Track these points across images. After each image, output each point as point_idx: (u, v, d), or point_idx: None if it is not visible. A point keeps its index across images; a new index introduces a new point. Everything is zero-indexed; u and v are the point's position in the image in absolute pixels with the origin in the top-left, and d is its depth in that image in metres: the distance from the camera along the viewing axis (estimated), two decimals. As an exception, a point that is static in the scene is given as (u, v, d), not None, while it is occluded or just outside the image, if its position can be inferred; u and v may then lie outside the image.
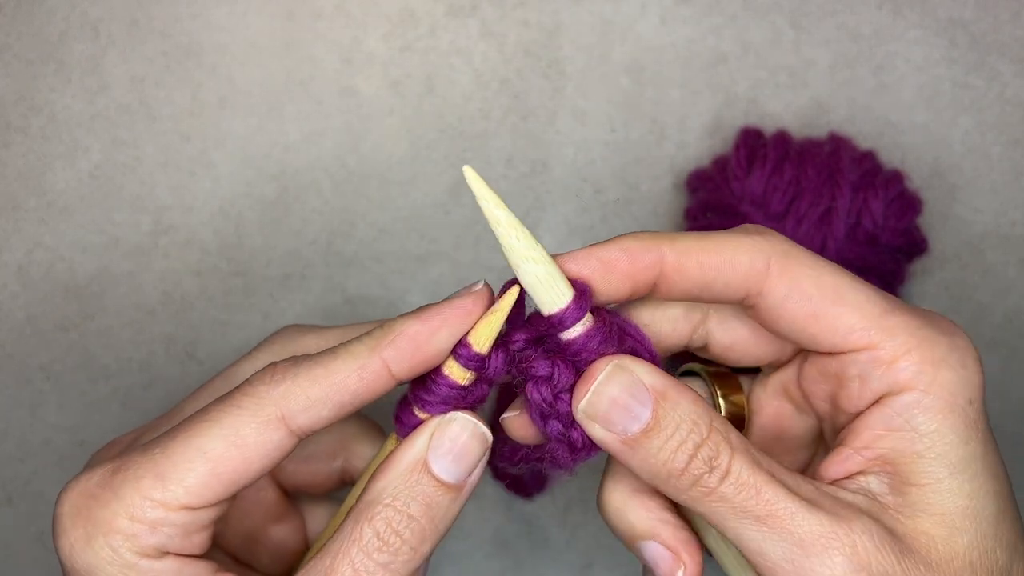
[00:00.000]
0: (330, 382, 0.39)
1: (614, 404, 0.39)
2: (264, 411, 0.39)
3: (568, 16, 0.67)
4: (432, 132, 0.66)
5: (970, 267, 0.65)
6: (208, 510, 0.39)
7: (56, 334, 0.65)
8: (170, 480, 0.38)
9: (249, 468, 0.39)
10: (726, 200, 0.61)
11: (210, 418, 0.39)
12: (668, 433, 0.38)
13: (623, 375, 0.39)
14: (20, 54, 0.66)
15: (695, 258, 0.39)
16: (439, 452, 0.39)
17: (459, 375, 0.40)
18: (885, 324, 0.39)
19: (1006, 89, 0.66)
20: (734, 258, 0.39)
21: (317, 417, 0.39)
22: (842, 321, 0.39)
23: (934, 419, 0.38)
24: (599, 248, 0.40)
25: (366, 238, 0.66)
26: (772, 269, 0.39)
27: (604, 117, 0.66)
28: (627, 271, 0.39)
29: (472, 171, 0.39)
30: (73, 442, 0.65)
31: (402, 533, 0.39)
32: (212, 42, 0.67)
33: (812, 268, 0.40)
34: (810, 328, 0.40)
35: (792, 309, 0.40)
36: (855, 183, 0.60)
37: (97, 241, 0.65)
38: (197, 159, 0.66)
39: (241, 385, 0.40)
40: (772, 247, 0.40)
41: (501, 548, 0.64)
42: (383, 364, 0.39)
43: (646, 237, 0.40)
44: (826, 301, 0.39)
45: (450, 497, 0.40)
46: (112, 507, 0.38)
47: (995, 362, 0.65)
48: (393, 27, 0.67)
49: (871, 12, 0.67)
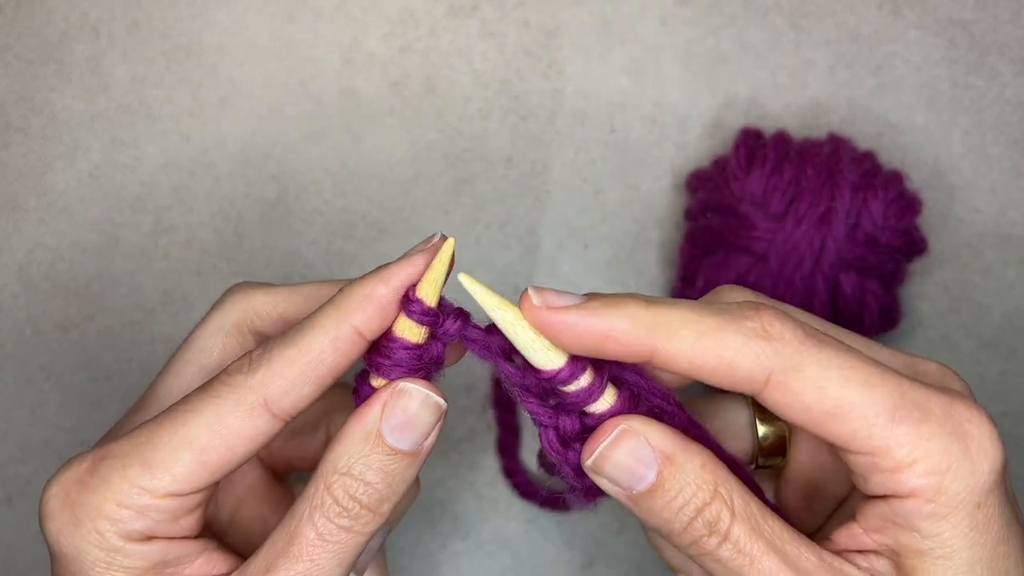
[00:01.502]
0: (306, 360, 0.39)
1: (618, 466, 0.39)
2: (246, 399, 0.39)
3: (568, 16, 0.67)
4: (432, 132, 0.66)
5: (970, 267, 0.66)
6: (193, 496, 0.40)
7: (56, 334, 0.65)
8: (157, 468, 0.39)
9: (234, 455, 0.40)
10: (726, 200, 0.61)
11: (192, 407, 0.40)
12: (671, 496, 0.39)
13: (629, 440, 0.39)
14: (20, 54, 0.66)
15: (687, 358, 0.38)
16: (391, 423, 0.40)
17: (413, 332, 0.40)
18: (890, 433, 0.37)
19: (1006, 89, 0.66)
20: (731, 365, 0.38)
21: (299, 396, 0.40)
22: (844, 429, 0.38)
23: (937, 525, 0.38)
24: (594, 319, 0.38)
25: (366, 238, 0.66)
26: (772, 381, 0.38)
27: (604, 117, 0.67)
28: (615, 354, 0.39)
29: (469, 277, 0.39)
30: (73, 442, 0.65)
31: (360, 499, 0.40)
32: (212, 42, 0.67)
33: (817, 380, 0.38)
34: (812, 429, 0.39)
35: (792, 416, 0.39)
36: (855, 183, 0.60)
37: (97, 241, 0.65)
38: (197, 159, 0.66)
39: (219, 375, 0.40)
40: (776, 359, 0.38)
41: (501, 548, 0.64)
42: (354, 330, 0.39)
43: (641, 324, 0.38)
44: (826, 414, 0.38)
45: (406, 463, 0.40)
46: (100, 493, 0.39)
47: (995, 362, 0.65)
48: (393, 27, 0.67)
49: (871, 12, 0.67)
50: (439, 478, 0.64)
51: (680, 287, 0.63)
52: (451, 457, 0.65)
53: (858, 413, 0.37)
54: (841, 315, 0.60)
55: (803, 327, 0.38)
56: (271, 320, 0.46)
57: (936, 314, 0.65)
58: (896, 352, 0.43)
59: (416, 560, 0.65)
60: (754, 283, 0.60)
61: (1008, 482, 0.40)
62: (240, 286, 0.47)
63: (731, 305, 0.39)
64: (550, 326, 0.39)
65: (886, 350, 0.43)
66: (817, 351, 0.38)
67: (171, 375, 0.46)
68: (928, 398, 0.38)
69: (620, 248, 0.66)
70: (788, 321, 0.38)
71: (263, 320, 0.46)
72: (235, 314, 0.46)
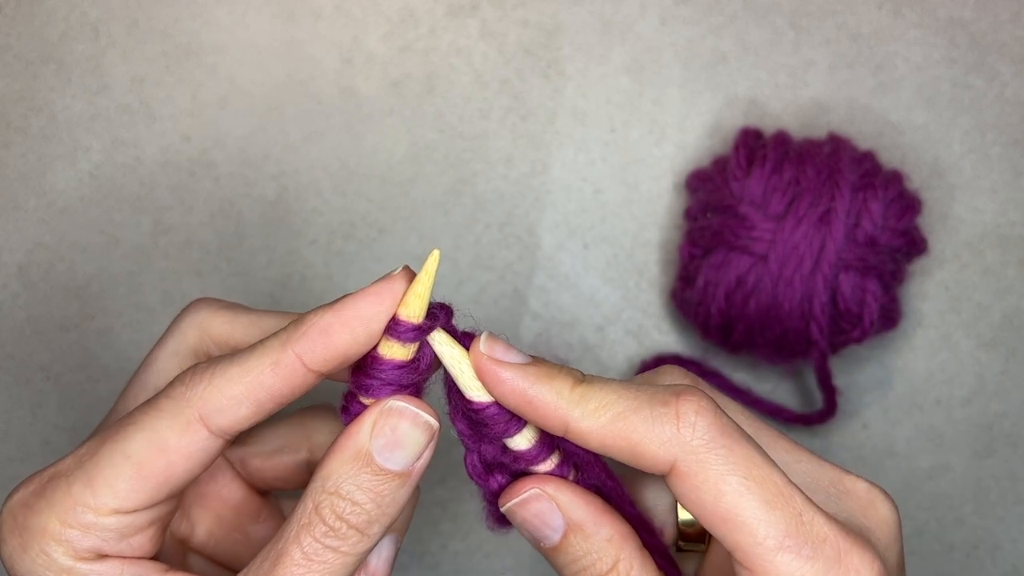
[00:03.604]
0: (246, 380, 0.39)
1: (526, 522, 0.41)
2: (183, 413, 0.39)
3: (568, 16, 0.67)
4: (432, 132, 0.66)
5: (970, 267, 0.66)
6: (141, 513, 0.39)
7: (56, 334, 0.65)
8: (99, 485, 0.39)
9: (173, 471, 0.39)
10: (726, 200, 0.61)
11: (134, 421, 0.39)
12: (572, 558, 0.41)
13: (539, 503, 0.41)
14: (20, 54, 0.66)
15: (597, 437, 0.38)
16: (380, 442, 0.39)
17: (400, 352, 0.40)
18: (773, 558, 0.37)
19: (1006, 89, 0.66)
20: (637, 448, 0.38)
21: (236, 417, 0.39)
22: (732, 537, 0.37)
23: None
24: (522, 383, 0.39)
25: (366, 238, 0.66)
26: (676, 469, 0.38)
27: (604, 117, 0.67)
28: (534, 420, 0.39)
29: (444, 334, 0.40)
30: (73, 442, 0.65)
31: (349, 519, 0.39)
32: (212, 42, 0.67)
33: (717, 482, 0.37)
34: (704, 524, 0.38)
35: (689, 507, 0.38)
36: (855, 183, 0.60)
37: (97, 241, 0.65)
38: (197, 159, 0.66)
39: (164, 388, 0.40)
40: (680, 449, 0.37)
41: (501, 548, 0.64)
42: (295, 358, 0.39)
43: (562, 400, 0.38)
44: (718, 517, 0.37)
45: (396, 483, 0.40)
46: (44, 514, 0.39)
47: (995, 362, 0.65)
48: (393, 27, 0.67)
49: (871, 12, 0.67)
50: (439, 478, 0.64)
51: (680, 287, 0.63)
52: (451, 456, 0.65)
53: (749, 528, 0.37)
54: (841, 315, 0.60)
55: (720, 422, 0.38)
56: (227, 348, 0.45)
57: (936, 314, 0.65)
58: (825, 465, 0.42)
59: (416, 560, 0.65)
60: (754, 283, 0.60)
61: None
62: (200, 305, 0.46)
63: (658, 389, 0.39)
64: (484, 372, 0.39)
65: (815, 461, 0.42)
66: (726, 452, 0.37)
67: (129, 398, 0.45)
68: (826, 537, 0.37)
69: (620, 248, 0.66)
70: (707, 413, 0.37)
71: (220, 348, 0.45)
72: (191, 339, 0.45)
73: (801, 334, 0.61)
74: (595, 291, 0.66)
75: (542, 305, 0.66)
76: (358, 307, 0.39)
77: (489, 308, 0.65)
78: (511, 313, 0.65)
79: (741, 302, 0.61)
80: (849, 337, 0.61)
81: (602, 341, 0.65)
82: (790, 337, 0.61)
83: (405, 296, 0.39)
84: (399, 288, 0.39)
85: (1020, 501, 0.65)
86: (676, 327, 0.66)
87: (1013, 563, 0.64)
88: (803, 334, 0.61)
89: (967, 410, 0.65)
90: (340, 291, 0.65)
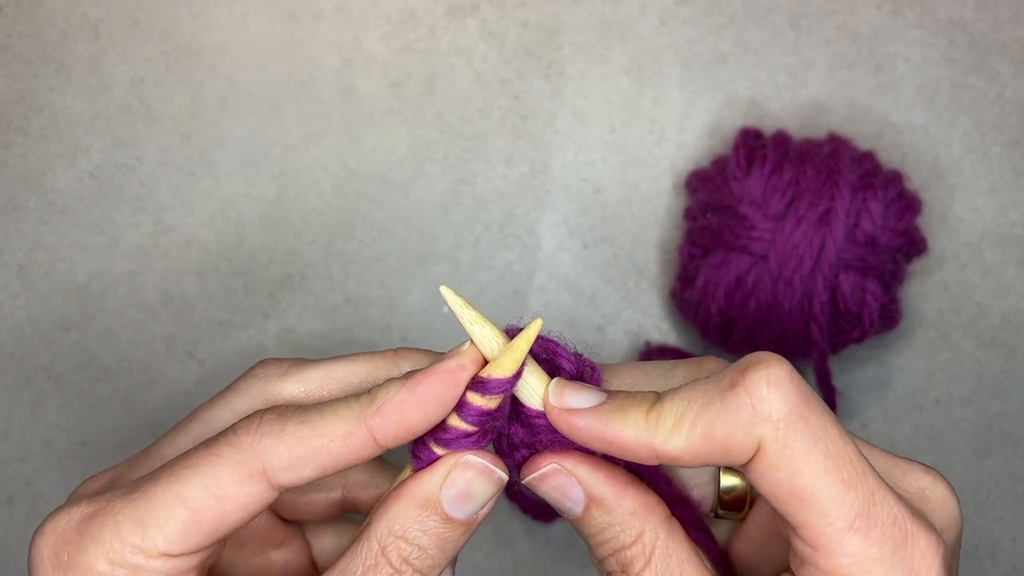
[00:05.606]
0: (314, 444, 0.39)
1: (546, 495, 0.41)
2: (246, 464, 0.38)
3: (568, 16, 0.67)
4: (432, 132, 0.66)
5: (969, 267, 0.66)
6: (189, 557, 0.39)
7: (56, 334, 0.65)
8: (150, 526, 0.38)
9: (228, 519, 0.39)
10: (726, 200, 0.61)
11: (191, 465, 0.39)
12: (595, 529, 0.41)
13: (557, 478, 0.41)
14: (20, 54, 0.66)
15: (688, 457, 0.37)
16: (452, 494, 0.40)
17: (487, 402, 0.40)
18: (841, 539, 0.36)
19: (1006, 89, 0.66)
20: (728, 449, 0.37)
21: (298, 476, 0.39)
22: (802, 515, 0.37)
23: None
24: (599, 427, 0.39)
25: (366, 238, 0.66)
26: (761, 448, 0.37)
27: (604, 117, 0.67)
28: (625, 458, 0.39)
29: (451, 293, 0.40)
30: (73, 442, 0.65)
31: (414, 563, 0.40)
32: (212, 42, 0.67)
33: (796, 461, 0.36)
34: (771, 501, 0.38)
35: (759, 486, 0.38)
36: (854, 184, 0.60)
37: (97, 241, 0.65)
38: (197, 159, 0.66)
39: (225, 432, 0.39)
40: (765, 425, 0.36)
41: (501, 547, 0.64)
42: (369, 433, 0.39)
43: (641, 433, 0.38)
44: (791, 495, 0.37)
45: (460, 531, 0.41)
46: (91, 551, 0.38)
47: (995, 362, 0.65)
48: (393, 27, 0.67)
49: (871, 12, 0.67)
50: (439, 478, 0.64)
51: (680, 287, 0.63)
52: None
53: (821, 508, 0.36)
54: (841, 315, 0.60)
55: (794, 390, 0.36)
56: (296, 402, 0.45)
57: (936, 314, 0.65)
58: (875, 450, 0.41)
59: (416, 560, 0.64)
60: (754, 283, 0.60)
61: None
62: (268, 367, 0.45)
63: (723, 372, 0.38)
64: (559, 424, 0.39)
65: (865, 445, 0.41)
66: (804, 425, 0.36)
67: (172, 445, 0.44)
68: (895, 520, 0.37)
69: (620, 248, 0.66)
70: (778, 382, 0.36)
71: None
72: (256, 402, 0.44)
73: (801, 334, 0.61)
74: (595, 291, 0.66)
75: (542, 305, 0.66)
76: (433, 387, 0.39)
77: (489, 308, 0.65)
78: (511, 313, 0.65)
79: (741, 302, 0.61)
80: (849, 337, 0.61)
81: (602, 341, 0.65)
82: (790, 337, 0.61)
83: (501, 359, 0.39)
84: (472, 367, 0.39)
85: (1020, 501, 0.65)
86: (676, 327, 0.66)
87: (1013, 563, 0.64)
88: (803, 334, 0.61)
89: (967, 410, 0.65)
90: (339, 291, 0.65)
